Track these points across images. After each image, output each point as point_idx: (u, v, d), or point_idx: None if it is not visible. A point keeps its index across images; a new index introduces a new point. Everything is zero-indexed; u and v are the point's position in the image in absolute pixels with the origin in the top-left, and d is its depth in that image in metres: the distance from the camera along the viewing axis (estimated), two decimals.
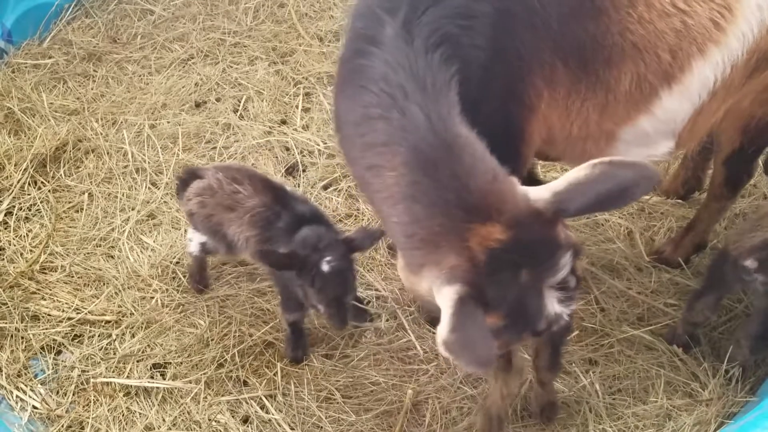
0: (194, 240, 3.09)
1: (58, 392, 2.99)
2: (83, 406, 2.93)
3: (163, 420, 2.86)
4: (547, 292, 1.85)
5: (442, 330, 1.72)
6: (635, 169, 1.84)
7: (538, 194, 1.87)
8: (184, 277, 3.33)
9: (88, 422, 2.87)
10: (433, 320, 3.11)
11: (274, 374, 2.97)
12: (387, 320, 3.15)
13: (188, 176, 3.03)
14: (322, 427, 2.82)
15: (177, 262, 3.41)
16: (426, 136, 1.88)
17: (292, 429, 2.81)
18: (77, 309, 3.25)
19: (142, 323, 3.18)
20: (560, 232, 1.86)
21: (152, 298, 3.28)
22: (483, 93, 2.11)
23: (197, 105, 4.25)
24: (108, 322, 3.21)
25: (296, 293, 2.73)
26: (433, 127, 1.89)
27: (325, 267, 2.55)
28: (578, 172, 1.85)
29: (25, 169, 3.80)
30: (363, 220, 3.55)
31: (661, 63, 2.28)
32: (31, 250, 3.49)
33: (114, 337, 3.14)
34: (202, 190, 2.93)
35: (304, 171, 3.82)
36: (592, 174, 1.83)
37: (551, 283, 1.85)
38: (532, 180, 2.83)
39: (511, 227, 1.79)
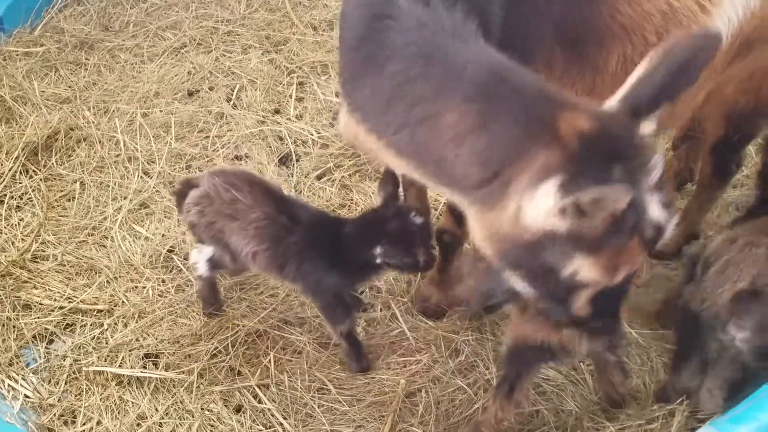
0: (201, 259, 2.96)
1: (50, 381, 2.98)
2: (75, 395, 2.93)
3: (156, 409, 2.85)
4: (647, 194, 1.77)
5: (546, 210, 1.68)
6: (691, 39, 1.81)
7: (607, 104, 1.84)
8: (177, 270, 3.32)
9: (80, 411, 2.86)
10: (426, 311, 3.12)
11: (268, 362, 2.97)
12: (380, 310, 3.16)
13: (184, 188, 2.94)
14: (314, 417, 2.82)
15: (170, 250, 3.40)
16: (477, 68, 1.87)
17: (285, 418, 2.81)
18: (69, 298, 3.23)
19: (135, 313, 3.17)
20: (642, 135, 1.81)
21: (144, 287, 3.27)
22: None
23: (190, 94, 4.23)
24: (100, 311, 3.20)
25: (343, 298, 2.78)
26: (480, 60, 1.89)
27: (418, 220, 2.60)
28: (637, 70, 1.82)
29: (16, 158, 3.78)
30: (356, 210, 3.55)
31: (648, 45, 2.30)
32: (22, 239, 3.48)
33: (106, 326, 3.13)
34: (199, 198, 2.85)
35: (297, 161, 3.81)
36: (650, 65, 1.80)
37: (647, 184, 1.76)
38: None
39: (595, 119, 1.75)
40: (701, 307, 2.53)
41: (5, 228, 3.53)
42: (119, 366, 2.98)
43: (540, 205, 1.73)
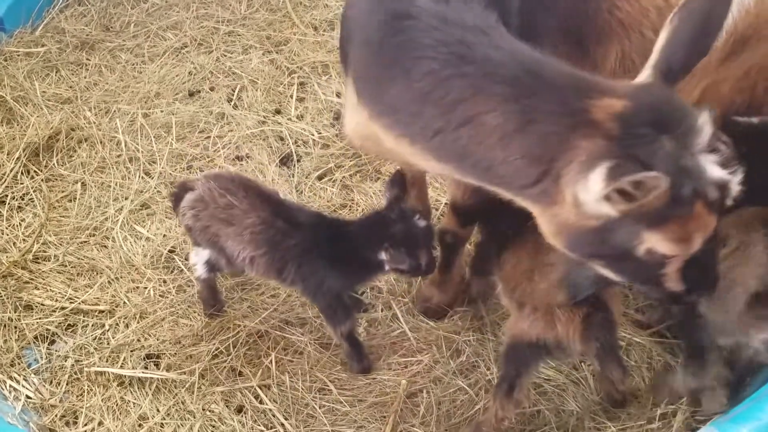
0: (198, 261, 2.95)
1: (51, 382, 2.98)
2: (77, 396, 2.93)
3: (157, 410, 2.86)
4: (701, 157, 1.76)
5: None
6: None
7: (641, 77, 1.85)
8: (178, 270, 3.33)
9: (81, 412, 2.87)
10: (427, 311, 3.12)
11: (269, 362, 2.97)
12: (381, 311, 3.16)
13: (180, 190, 2.92)
14: (316, 417, 2.83)
15: (171, 251, 3.40)
16: (512, 65, 1.87)
17: (286, 419, 2.81)
18: (71, 299, 3.24)
19: (136, 313, 3.17)
20: (681, 98, 1.81)
21: (146, 288, 3.28)
22: None
23: (191, 94, 4.23)
24: (101, 311, 3.20)
25: (343, 299, 2.78)
26: (513, 55, 1.89)
27: (422, 223, 2.63)
28: (660, 37, 1.84)
29: (17, 158, 3.78)
30: (357, 210, 3.55)
31: (644, 41, 2.32)
32: (24, 240, 3.48)
33: (107, 326, 3.14)
34: (194, 202, 2.83)
35: (298, 161, 3.81)
36: (672, 27, 1.82)
37: (700, 147, 1.76)
38: None
39: (629, 98, 1.76)
40: (711, 310, 2.46)
41: (6, 228, 3.53)
42: (121, 367, 2.99)
43: (591, 192, 1.74)
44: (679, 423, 2.65)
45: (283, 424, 2.79)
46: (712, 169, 1.77)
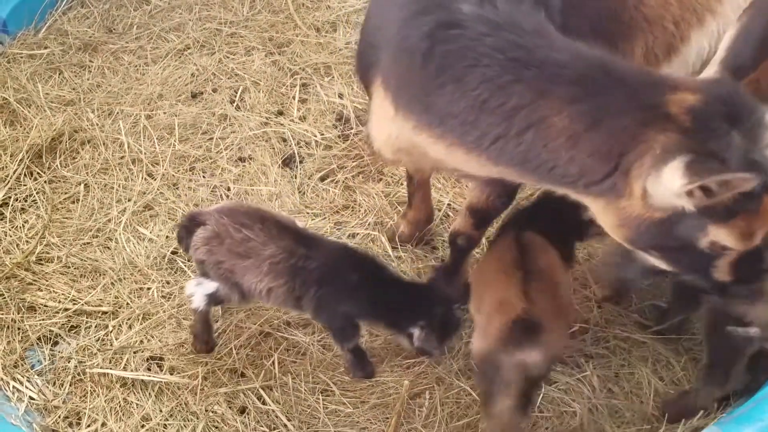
0: (198, 293, 2.86)
1: (54, 383, 2.99)
2: (80, 397, 2.94)
3: (160, 411, 2.86)
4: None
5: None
6: None
7: (707, 72, 1.87)
8: (181, 271, 3.33)
9: (84, 413, 2.87)
10: None
11: (272, 364, 2.97)
12: None
13: (190, 223, 2.84)
14: (318, 418, 2.83)
15: (174, 252, 3.40)
16: (575, 66, 1.88)
17: (289, 420, 2.81)
18: (74, 300, 3.24)
19: (139, 314, 3.18)
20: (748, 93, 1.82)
21: (149, 289, 3.28)
22: None
23: (193, 96, 4.24)
24: (105, 313, 3.21)
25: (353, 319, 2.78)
26: (576, 56, 1.89)
27: (459, 314, 2.70)
28: (728, 34, 1.86)
29: (21, 160, 3.79)
30: (360, 211, 3.55)
31: (666, 34, 2.34)
32: (27, 241, 3.49)
33: (110, 328, 3.14)
34: (208, 239, 2.77)
35: (301, 162, 3.81)
36: (741, 23, 1.84)
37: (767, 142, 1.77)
38: None
39: (700, 91, 1.77)
40: (743, 318, 2.41)
41: (10, 230, 3.54)
42: (124, 368, 2.99)
43: (666, 187, 1.75)
44: (683, 425, 2.64)
45: (285, 425, 2.80)
46: None
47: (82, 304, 3.22)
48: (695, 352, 2.94)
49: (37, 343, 3.12)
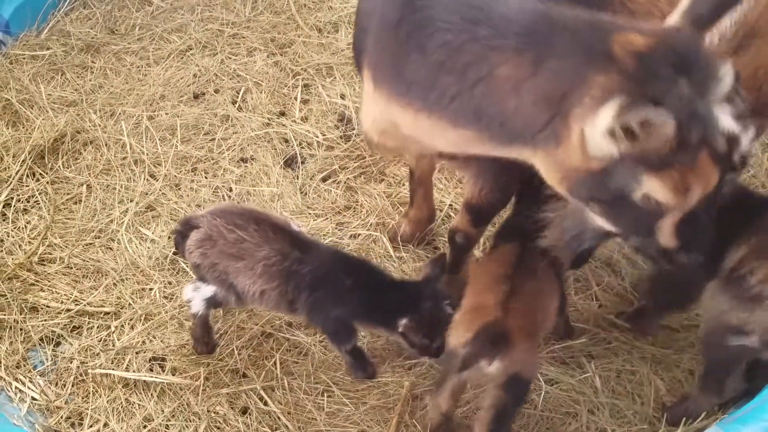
0: (196, 298, 2.86)
1: (57, 384, 2.99)
2: (82, 398, 2.94)
3: (162, 411, 2.86)
4: (716, 106, 1.72)
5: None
6: None
7: (667, 21, 1.84)
8: (183, 272, 3.33)
9: (87, 413, 2.88)
10: None
11: (273, 364, 2.98)
12: None
13: (184, 228, 2.83)
14: (319, 419, 2.83)
15: (176, 253, 3.40)
16: (522, 18, 1.88)
17: (290, 420, 2.82)
18: (76, 300, 3.25)
19: (141, 315, 3.18)
20: (707, 46, 1.79)
21: (151, 289, 3.29)
22: None
23: (195, 96, 4.24)
24: (107, 313, 3.21)
25: (346, 322, 2.77)
26: (523, 9, 1.90)
27: (449, 310, 2.63)
28: None
29: (23, 161, 3.80)
30: (361, 212, 3.55)
31: None
32: (29, 242, 3.49)
33: (113, 328, 3.15)
34: (201, 241, 2.76)
35: (302, 163, 3.82)
36: None
37: (717, 96, 1.72)
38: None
39: (652, 36, 1.74)
40: (744, 327, 2.40)
41: (12, 231, 3.55)
42: (126, 369, 3.00)
43: (598, 128, 1.72)
44: (684, 425, 2.64)
45: (287, 426, 2.80)
46: (726, 119, 1.73)
47: (85, 305, 3.23)
48: (696, 352, 2.93)
49: (40, 344, 3.13)
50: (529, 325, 2.40)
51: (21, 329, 3.16)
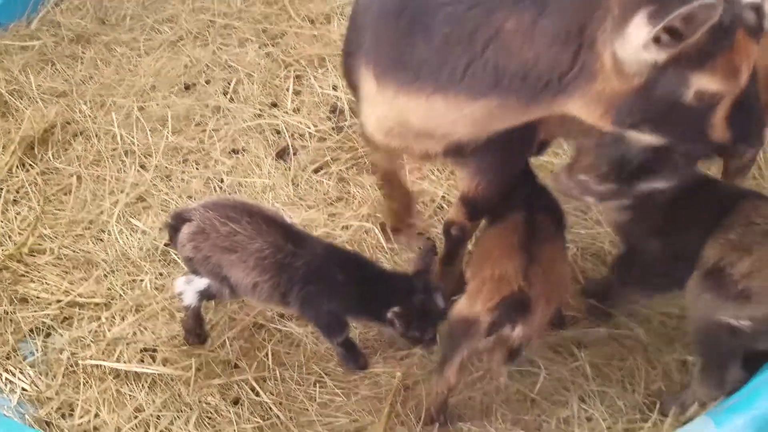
0: (188, 290, 2.83)
1: (47, 375, 2.98)
2: (73, 389, 2.93)
3: (153, 402, 2.86)
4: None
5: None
6: None
7: None
8: (174, 263, 3.32)
9: (77, 404, 2.87)
10: None
11: (265, 355, 2.97)
12: None
13: (176, 221, 2.79)
14: (311, 409, 2.83)
15: (168, 244, 3.39)
16: None
17: (281, 411, 2.81)
18: (66, 292, 3.23)
19: (132, 306, 3.17)
20: None
21: (142, 281, 3.27)
22: None
23: (187, 87, 4.22)
24: (97, 304, 3.20)
25: (339, 316, 2.76)
26: None
27: (440, 302, 2.65)
28: None
29: (12, 152, 3.78)
30: (353, 203, 3.55)
31: None
32: (19, 233, 3.48)
33: (103, 320, 3.13)
34: (193, 234, 2.73)
35: (294, 154, 3.80)
36: None
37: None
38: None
39: None
40: (740, 319, 2.37)
41: (2, 222, 3.53)
42: (117, 360, 2.98)
43: (634, 45, 1.71)
44: (673, 414, 2.65)
45: (278, 416, 2.80)
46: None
47: (75, 296, 3.21)
48: (687, 341, 2.93)
49: (30, 335, 3.11)
50: (548, 291, 2.46)
51: (11, 320, 3.14)
